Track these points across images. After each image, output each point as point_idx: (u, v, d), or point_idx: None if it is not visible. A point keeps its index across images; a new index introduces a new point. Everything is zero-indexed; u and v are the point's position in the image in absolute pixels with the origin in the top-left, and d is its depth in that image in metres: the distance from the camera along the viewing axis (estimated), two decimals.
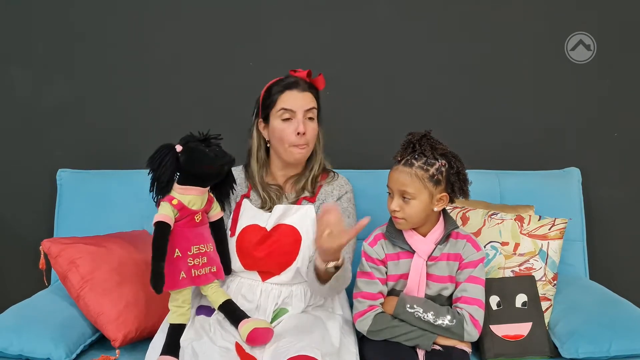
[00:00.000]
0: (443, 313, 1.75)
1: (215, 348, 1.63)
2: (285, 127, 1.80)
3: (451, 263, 1.79)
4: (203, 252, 1.72)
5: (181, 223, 1.69)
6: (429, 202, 1.72)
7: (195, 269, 1.70)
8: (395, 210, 1.73)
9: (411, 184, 1.70)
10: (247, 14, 2.36)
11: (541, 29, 2.37)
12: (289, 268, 1.79)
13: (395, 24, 2.37)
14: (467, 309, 1.75)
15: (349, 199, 1.89)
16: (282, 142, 1.81)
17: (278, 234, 1.80)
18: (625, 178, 2.42)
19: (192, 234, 1.70)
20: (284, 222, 1.81)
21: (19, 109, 2.39)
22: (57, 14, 2.36)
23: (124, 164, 2.28)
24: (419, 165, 1.70)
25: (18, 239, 2.41)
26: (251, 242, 1.80)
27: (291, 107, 1.80)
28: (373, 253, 1.80)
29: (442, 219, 1.80)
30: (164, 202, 1.68)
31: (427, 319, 1.73)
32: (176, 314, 1.71)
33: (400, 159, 1.74)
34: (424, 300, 1.76)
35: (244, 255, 1.81)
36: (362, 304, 1.78)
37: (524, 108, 2.40)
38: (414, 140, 1.72)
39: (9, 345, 1.73)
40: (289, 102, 1.80)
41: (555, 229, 1.99)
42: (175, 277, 1.68)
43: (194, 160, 1.66)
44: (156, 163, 1.66)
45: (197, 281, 1.71)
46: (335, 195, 1.88)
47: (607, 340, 1.75)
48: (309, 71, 1.85)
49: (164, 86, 2.39)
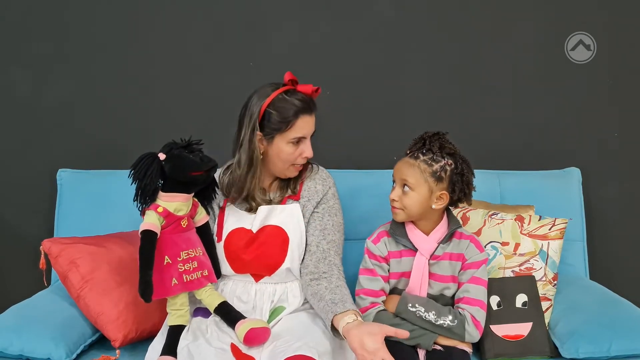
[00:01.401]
0: (445, 313, 1.75)
1: (211, 349, 1.63)
2: (293, 150, 1.77)
3: (454, 263, 1.79)
4: (193, 257, 1.71)
5: (168, 230, 1.69)
6: (427, 196, 1.73)
7: (187, 274, 1.70)
8: (394, 200, 1.75)
9: (412, 174, 1.72)
10: (247, 14, 2.36)
11: (541, 29, 2.37)
12: (279, 269, 1.78)
13: (395, 24, 2.37)
14: (469, 310, 1.76)
15: (334, 194, 1.87)
16: (284, 162, 1.79)
17: (265, 235, 1.79)
18: (625, 178, 2.42)
19: (180, 240, 1.70)
20: (270, 223, 1.80)
21: (19, 109, 2.39)
22: (57, 14, 2.36)
23: (125, 164, 2.26)
24: (424, 160, 1.72)
25: (18, 239, 2.41)
26: (238, 246, 1.79)
27: (304, 134, 1.76)
28: (376, 250, 1.81)
29: (446, 218, 1.81)
30: (150, 211, 1.67)
31: (429, 319, 1.74)
32: (175, 317, 1.71)
33: (408, 151, 1.77)
34: (425, 300, 1.77)
35: (232, 259, 1.80)
36: (364, 300, 1.79)
37: (524, 108, 2.40)
38: (426, 136, 1.75)
39: (9, 345, 1.73)
40: (303, 129, 1.76)
41: (555, 229, 1.99)
42: (168, 283, 1.68)
43: (180, 167, 1.66)
44: (141, 173, 1.65)
45: (189, 286, 1.71)
46: (319, 191, 1.84)
47: (607, 340, 1.75)
48: (318, 89, 1.78)
49: (165, 86, 2.39)
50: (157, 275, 1.66)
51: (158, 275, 1.66)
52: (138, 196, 1.68)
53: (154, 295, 1.64)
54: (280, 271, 1.79)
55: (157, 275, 1.65)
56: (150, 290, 1.61)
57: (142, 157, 1.67)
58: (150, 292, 1.61)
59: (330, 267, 1.76)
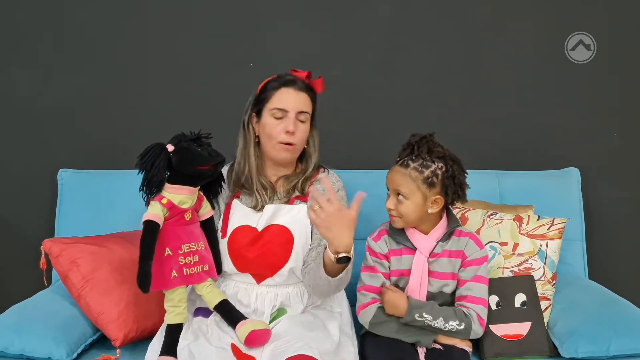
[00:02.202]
0: (451, 317, 1.75)
1: (212, 349, 1.63)
2: (276, 124, 1.79)
3: (453, 260, 1.80)
4: (194, 251, 1.69)
5: (171, 222, 1.67)
6: (422, 203, 1.74)
7: (187, 267, 1.68)
8: (390, 209, 1.77)
9: (405, 184, 1.73)
10: (247, 14, 2.36)
11: (541, 29, 2.37)
12: (281, 270, 1.78)
13: (394, 24, 2.37)
14: (475, 309, 1.77)
15: (342, 197, 1.87)
16: (270, 138, 1.79)
17: (269, 234, 1.79)
18: (624, 178, 2.42)
19: (182, 232, 1.68)
20: (275, 223, 1.80)
21: (19, 109, 2.39)
22: (57, 14, 2.36)
23: (125, 164, 2.28)
24: (414, 167, 1.73)
25: (19, 238, 2.41)
26: (242, 243, 1.78)
27: (284, 106, 1.78)
28: (376, 247, 1.82)
29: (445, 217, 1.82)
30: (154, 202, 1.66)
31: (437, 326, 1.74)
32: (173, 314, 1.69)
33: (398, 159, 1.77)
34: (431, 305, 1.76)
35: (235, 257, 1.79)
36: (366, 296, 1.80)
37: (524, 108, 2.40)
38: (414, 142, 1.75)
39: (10, 345, 1.74)
40: (283, 100, 1.79)
41: (554, 228, 1.99)
42: (167, 276, 1.66)
43: (188, 160, 1.64)
44: (149, 163, 1.63)
45: (189, 280, 1.69)
46: None
47: (607, 340, 1.76)
48: (309, 72, 1.83)
49: (165, 86, 2.39)
50: (157, 266, 1.63)
51: (158, 267, 1.64)
52: (144, 186, 1.65)
53: (152, 287, 1.61)
54: (282, 272, 1.78)
55: (156, 267, 1.63)
56: (148, 282, 1.59)
57: (150, 147, 1.65)
58: (148, 284, 1.59)
59: None
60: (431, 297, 1.80)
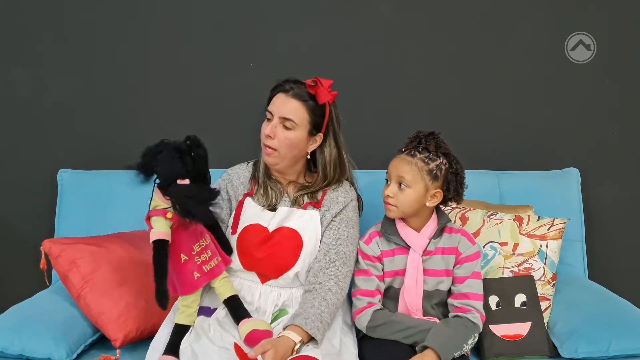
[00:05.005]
0: (467, 334, 1.75)
1: (214, 348, 1.63)
2: (264, 126, 1.81)
3: (446, 257, 1.81)
4: (205, 247, 1.73)
5: (177, 229, 1.69)
6: (423, 194, 1.75)
7: (205, 264, 1.72)
8: (388, 196, 1.77)
9: (410, 172, 1.75)
10: (247, 14, 2.36)
11: (541, 29, 2.37)
12: (287, 273, 1.78)
13: (394, 24, 2.37)
14: (476, 305, 1.78)
15: (354, 207, 1.88)
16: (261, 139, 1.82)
17: (279, 236, 1.79)
18: (624, 178, 2.42)
19: (189, 234, 1.71)
20: (286, 225, 1.80)
21: (19, 109, 2.39)
22: (58, 14, 2.36)
23: (125, 164, 2.28)
24: (421, 158, 1.75)
25: (19, 239, 2.41)
26: (252, 242, 1.79)
27: (271, 109, 1.80)
28: (369, 250, 1.82)
29: (435, 214, 1.83)
30: (158, 217, 1.66)
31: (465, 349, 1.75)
32: (184, 315, 1.71)
33: (404, 149, 1.79)
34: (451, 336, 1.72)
35: (244, 255, 1.80)
36: (361, 301, 1.80)
37: (523, 108, 2.40)
38: (421, 135, 1.78)
39: (10, 345, 1.74)
40: (272, 104, 1.80)
41: (554, 229, 1.99)
42: (191, 279, 1.69)
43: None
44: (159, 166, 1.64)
45: (211, 274, 1.73)
46: (341, 202, 1.84)
47: (607, 340, 1.76)
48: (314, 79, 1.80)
49: (165, 86, 2.39)
50: (179, 274, 1.68)
51: (179, 274, 1.68)
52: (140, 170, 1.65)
53: (183, 292, 1.69)
54: (287, 275, 1.78)
55: (179, 274, 1.67)
56: (166, 300, 1.61)
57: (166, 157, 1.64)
58: (166, 302, 1.61)
59: (328, 278, 1.75)
60: (428, 295, 1.80)
